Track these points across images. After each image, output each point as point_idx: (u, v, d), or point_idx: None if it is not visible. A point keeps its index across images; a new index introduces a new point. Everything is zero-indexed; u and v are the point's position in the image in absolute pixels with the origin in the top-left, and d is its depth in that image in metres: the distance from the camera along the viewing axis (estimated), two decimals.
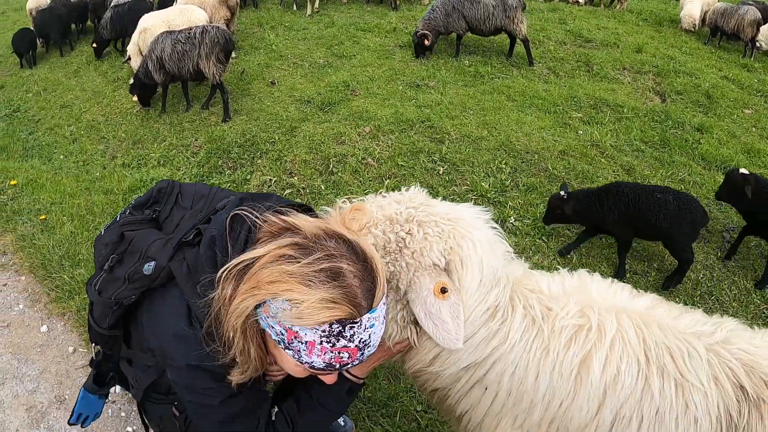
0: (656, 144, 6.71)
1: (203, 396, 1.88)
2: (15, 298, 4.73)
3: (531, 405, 1.80)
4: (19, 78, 12.34)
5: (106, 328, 2.14)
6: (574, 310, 1.83)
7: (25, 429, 3.53)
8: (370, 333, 1.63)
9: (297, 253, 1.58)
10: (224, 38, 7.78)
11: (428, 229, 1.76)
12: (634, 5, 13.95)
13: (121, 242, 2.16)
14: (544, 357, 1.78)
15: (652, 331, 1.79)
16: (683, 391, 1.71)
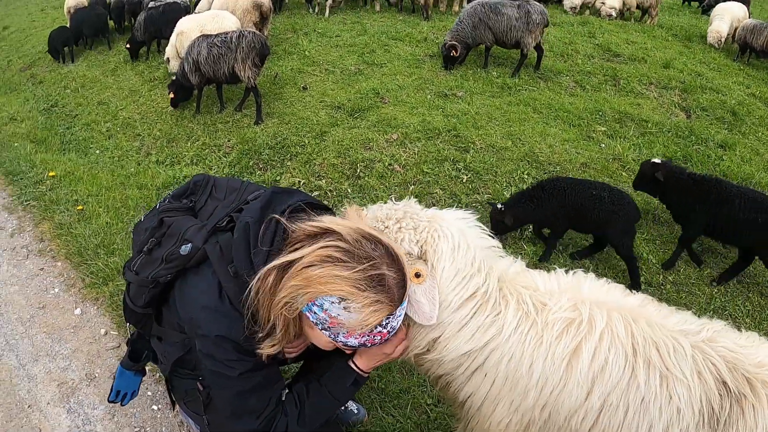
0: (679, 159, 6.79)
1: (224, 366, 2.10)
2: (51, 282, 5.03)
3: (525, 390, 1.99)
4: (57, 74, 12.66)
5: (140, 306, 2.41)
6: (566, 305, 2.03)
7: (56, 403, 3.77)
8: (398, 320, 1.98)
9: (343, 256, 1.88)
10: (260, 43, 8.02)
11: (403, 223, 2.05)
12: (665, 20, 14.01)
13: (160, 227, 2.42)
14: (538, 346, 1.98)
15: (640, 327, 1.96)
16: (667, 382, 1.87)
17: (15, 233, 5.84)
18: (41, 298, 4.81)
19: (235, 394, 2.15)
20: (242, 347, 2.08)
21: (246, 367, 2.12)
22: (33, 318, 4.57)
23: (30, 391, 3.86)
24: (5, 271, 5.22)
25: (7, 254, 5.48)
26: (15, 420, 3.64)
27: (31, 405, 3.74)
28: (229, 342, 2.07)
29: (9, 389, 3.87)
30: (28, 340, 4.33)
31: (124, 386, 2.86)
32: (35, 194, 6.57)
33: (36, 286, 4.98)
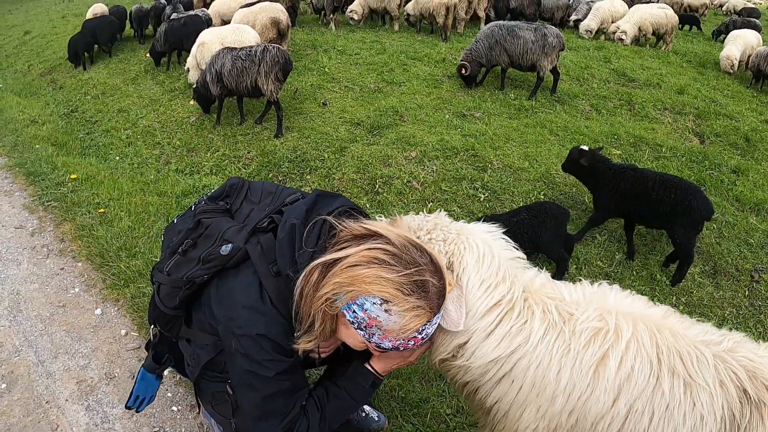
0: None
1: (261, 367, 2.12)
2: (71, 282, 5.07)
3: (553, 396, 2.03)
4: (78, 80, 12.81)
5: (171, 308, 2.43)
6: (593, 315, 2.08)
7: (74, 400, 3.79)
8: (432, 328, 2.02)
9: (390, 259, 1.93)
10: (284, 58, 8.10)
11: (433, 234, 2.14)
12: (679, 47, 14.09)
13: (197, 228, 2.45)
14: (566, 354, 2.03)
15: (664, 336, 2.01)
16: (691, 390, 1.91)
17: (35, 232, 5.91)
18: (61, 297, 4.86)
19: (265, 397, 2.17)
20: (280, 347, 2.12)
21: (281, 368, 2.15)
22: (52, 316, 4.61)
23: (48, 387, 3.88)
24: (25, 268, 5.27)
25: (27, 252, 5.54)
26: (33, 415, 3.67)
27: (49, 401, 3.77)
28: (268, 341, 2.11)
29: (27, 384, 3.90)
30: (47, 337, 4.36)
31: (143, 391, 2.87)
32: (57, 195, 6.65)
33: (56, 285, 5.02)
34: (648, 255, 5.51)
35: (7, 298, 4.86)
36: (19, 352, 4.21)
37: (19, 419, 3.65)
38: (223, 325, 2.21)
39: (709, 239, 5.79)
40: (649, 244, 5.68)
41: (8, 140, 9.01)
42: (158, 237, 5.51)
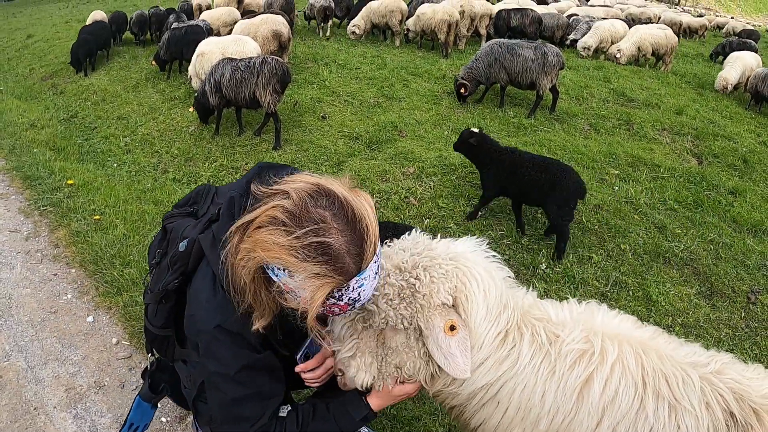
0: (689, 204, 6.89)
1: (221, 364, 2.02)
2: (64, 288, 5.04)
3: (537, 418, 2.00)
4: (78, 86, 12.82)
5: (159, 327, 2.37)
6: (579, 336, 2.04)
7: (63, 407, 3.75)
8: (359, 292, 1.84)
9: (287, 219, 1.75)
10: (282, 70, 8.11)
11: (433, 272, 1.98)
12: (679, 68, 14.21)
13: (164, 236, 2.43)
14: (550, 377, 1.99)
15: (650, 358, 1.98)
16: (676, 413, 1.89)
17: (30, 237, 5.89)
18: (53, 303, 4.83)
19: (231, 400, 2.07)
20: (241, 338, 2.02)
21: (244, 363, 2.04)
22: (44, 322, 4.57)
23: (37, 393, 3.85)
24: (18, 273, 5.25)
25: (21, 257, 5.52)
26: (20, 421, 3.63)
27: (37, 408, 3.73)
28: (226, 333, 2.00)
29: (15, 390, 3.86)
30: (38, 343, 4.33)
31: (137, 419, 2.81)
32: (53, 200, 6.63)
33: (49, 291, 5.00)
34: (645, 275, 5.50)
35: None
36: (8, 357, 4.18)
37: (6, 425, 3.62)
38: (187, 328, 2.14)
39: (705, 260, 5.79)
40: (646, 264, 5.67)
41: (6, 143, 9.00)
42: None
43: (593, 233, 6.02)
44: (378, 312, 1.97)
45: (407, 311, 1.97)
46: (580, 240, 5.90)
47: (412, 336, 2.03)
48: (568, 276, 5.39)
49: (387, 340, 2.06)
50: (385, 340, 2.06)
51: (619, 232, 6.07)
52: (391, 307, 1.96)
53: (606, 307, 2.21)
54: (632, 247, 5.86)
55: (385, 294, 1.96)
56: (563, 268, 5.49)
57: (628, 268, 5.58)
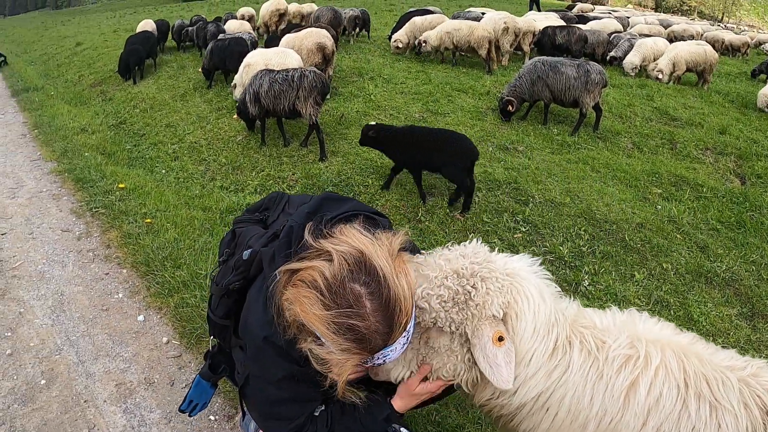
0: (732, 225, 6.83)
1: (266, 372, 2.14)
2: (115, 288, 5.17)
3: (586, 421, 2.05)
4: (127, 93, 13.14)
5: (219, 317, 2.49)
6: (625, 342, 2.10)
7: (113, 401, 3.85)
8: (384, 359, 1.97)
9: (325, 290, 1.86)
10: (321, 82, 8.21)
11: (490, 284, 2.03)
12: (722, 86, 14.03)
13: (233, 238, 2.55)
14: (598, 381, 2.05)
15: (691, 362, 2.04)
16: (716, 412, 1.95)
17: (82, 237, 6.07)
18: (105, 301, 4.96)
19: (271, 402, 2.19)
20: (285, 352, 2.09)
21: (285, 373, 2.13)
22: (95, 319, 4.70)
23: (87, 387, 3.96)
24: (70, 270, 5.42)
25: (73, 255, 5.69)
26: (70, 413, 3.74)
27: (88, 401, 3.84)
28: (272, 345, 2.09)
29: (66, 383, 3.98)
30: (89, 338, 4.45)
31: (197, 397, 2.93)
32: (104, 203, 6.82)
33: (100, 290, 5.13)
34: (686, 295, 5.47)
35: (51, 297, 4.98)
36: (60, 350, 4.31)
37: (56, 415, 3.72)
38: (241, 328, 2.26)
39: (747, 281, 5.75)
40: (687, 283, 5.64)
41: (58, 146, 9.27)
42: (203, 250, 5.60)
43: (636, 251, 6.01)
44: (429, 311, 2.02)
45: (458, 316, 2.01)
46: (622, 258, 5.89)
47: (456, 340, 2.07)
48: (610, 293, 5.38)
49: (430, 340, 2.10)
50: (428, 340, 2.10)
51: (661, 251, 6.05)
52: (443, 309, 2.00)
53: (647, 315, 2.27)
54: (674, 266, 5.83)
55: (440, 295, 2.00)
56: (605, 286, 5.48)
57: (670, 287, 5.56)
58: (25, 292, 5.05)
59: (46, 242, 5.96)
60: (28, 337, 4.44)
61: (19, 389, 3.92)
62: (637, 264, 5.83)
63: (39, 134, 10.31)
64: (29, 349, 4.31)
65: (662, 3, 76.21)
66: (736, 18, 72.04)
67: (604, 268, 5.75)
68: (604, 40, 15.41)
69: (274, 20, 17.00)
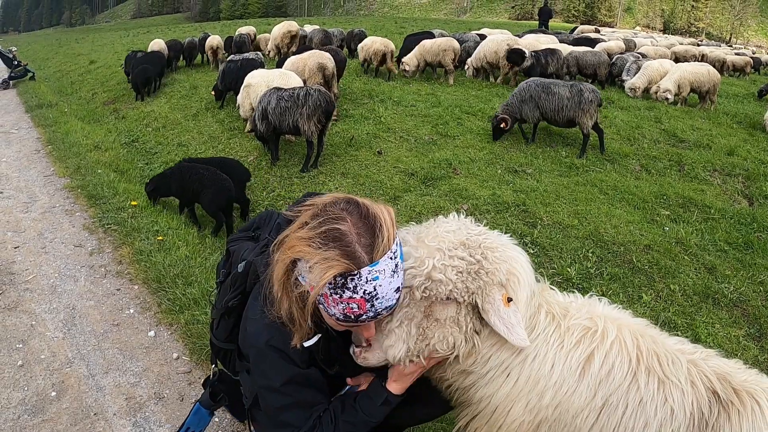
0: (740, 246, 6.80)
1: (268, 379, 2.18)
2: (126, 303, 5.22)
3: (544, 389, 2.12)
4: (140, 112, 13.32)
5: (221, 340, 2.56)
6: (585, 315, 2.21)
7: (122, 415, 3.86)
8: (374, 285, 1.90)
9: (310, 219, 1.94)
10: (325, 101, 8.38)
11: (496, 253, 2.12)
12: (729, 108, 14.07)
13: (228, 258, 2.61)
14: (560, 349, 2.14)
15: (645, 340, 2.14)
16: (664, 387, 2.03)
17: (94, 252, 6.14)
18: (116, 317, 5.00)
19: (276, 409, 2.22)
20: (287, 355, 2.16)
21: (288, 377, 2.18)
22: (106, 333, 4.74)
23: (97, 400, 3.98)
24: (82, 285, 5.48)
25: (85, 270, 5.75)
26: (80, 425, 3.76)
27: (97, 413, 3.86)
28: (273, 349, 2.15)
29: (76, 395, 4.01)
30: (99, 352, 4.48)
31: (194, 424, 2.99)
32: (117, 219, 6.90)
33: (111, 305, 5.18)
34: (694, 316, 5.47)
35: (62, 311, 5.03)
36: (71, 363, 4.34)
37: (66, 427, 3.74)
38: (241, 342, 2.31)
39: (755, 302, 5.73)
40: (695, 304, 5.64)
41: (71, 162, 9.40)
42: (214, 268, 5.62)
43: (643, 273, 6.01)
44: (446, 282, 2.03)
45: (472, 285, 2.06)
46: (630, 279, 5.90)
47: (463, 311, 2.11)
48: None
49: (435, 313, 2.11)
50: (432, 312, 2.11)
51: (669, 272, 6.05)
52: (460, 280, 2.04)
53: (607, 300, 2.37)
54: (682, 287, 5.83)
55: (455, 266, 2.04)
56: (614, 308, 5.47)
57: (678, 308, 5.55)
58: (37, 305, 5.11)
59: (59, 257, 6.03)
60: (39, 350, 4.49)
61: (30, 400, 3.95)
62: (644, 285, 5.84)
63: (53, 150, 10.46)
64: (40, 361, 4.35)
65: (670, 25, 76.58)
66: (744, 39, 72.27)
67: (612, 289, 5.74)
68: (605, 61, 15.52)
69: (285, 42, 17.31)
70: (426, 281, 2.04)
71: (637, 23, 77.89)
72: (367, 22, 31.06)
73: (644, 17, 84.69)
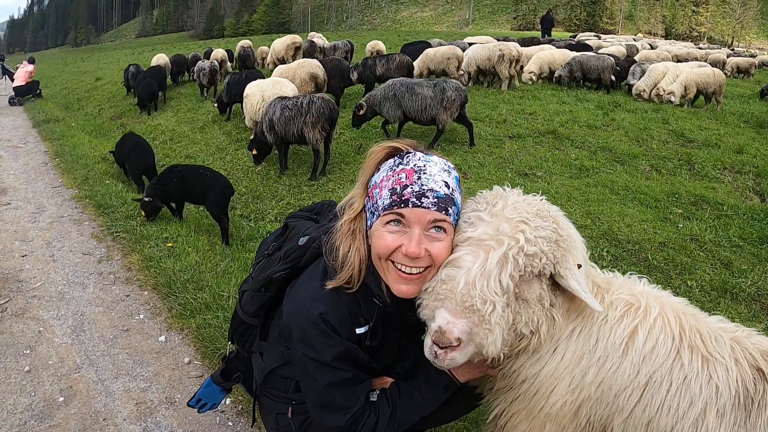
0: (754, 241, 6.72)
1: (318, 352, 2.11)
2: (136, 309, 5.16)
3: (587, 366, 2.05)
4: (147, 126, 13.37)
5: (249, 314, 2.51)
6: (627, 292, 2.16)
7: (133, 420, 3.78)
8: (425, 163, 2.04)
9: None
10: (329, 109, 8.42)
11: (561, 221, 2.06)
12: (736, 108, 14.07)
13: (284, 232, 2.57)
14: (603, 324, 2.07)
15: (687, 318, 2.09)
16: (708, 364, 1.98)
17: (103, 260, 6.10)
18: (125, 322, 4.93)
19: (326, 386, 2.14)
20: (338, 331, 2.11)
21: (338, 352, 2.12)
22: (116, 339, 4.67)
23: (106, 405, 3.90)
24: (90, 292, 5.43)
25: (93, 277, 5.71)
26: (88, 430, 3.69)
27: (107, 418, 3.78)
28: (326, 323, 2.09)
29: (85, 401, 3.94)
30: (109, 358, 4.42)
31: (206, 396, 2.92)
32: (125, 227, 6.87)
33: (121, 311, 5.11)
34: (713, 311, 5.35)
35: (71, 317, 4.98)
36: (79, 369, 4.28)
37: None
38: (287, 316, 2.22)
39: None
40: (713, 300, 5.55)
41: (79, 174, 9.42)
42: (225, 273, 5.57)
43: (659, 270, 5.93)
44: (540, 255, 1.93)
45: (557, 254, 1.97)
46: (646, 277, 5.80)
47: (544, 285, 2.01)
48: None
49: (523, 292, 1.97)
50: (521, 293, 1.97)
51: (685, 269, 5.97)
52: (550, 250, 1.95)
53: (647, 281, 2.32)
54: (699, 283, 5.75)
55: (542, 237, 1.95)
56: None
57: (696, 304, 5.30)
58: (45, 312, 5.07)
59: (67, 264, 6.00)
60: (47, 356, 4.43)
61: (37, 406, 3.89)
62: (661, 282, 5.74)
63: (60, 162, 10.50)
64: (48, 367, 4.30)
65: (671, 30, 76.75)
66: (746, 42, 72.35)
67: None
68: (609, 65, 15.51)
69: (290, 54, 17.57)
70: (519, 254, 1.92)
71: (638, 30, 78.07)
72: (371, 36, 31.19)
73: (645, 24, 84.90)
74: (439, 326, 1.91)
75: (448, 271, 1.94)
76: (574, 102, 13.57)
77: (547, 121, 11.69)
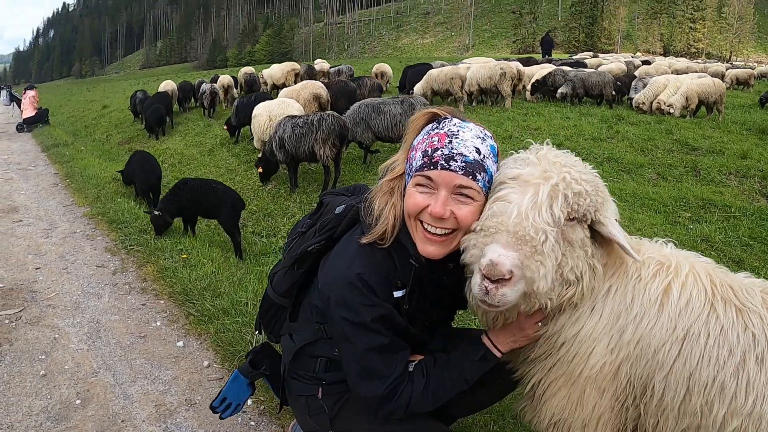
0: (764, 240, 6.79)
1: (357, 314, 2.11)
2: (153, 316, 5.14)
3: (624, 324, 2.07)
4: (155, 149, 13.44)
5: (279, 294, 2.54)
6: (657, 253, 2.19)
7: (152, 422, 3.72)
8: (459, 128, 2.10)
9: None
10: (339, 126, 8.53)
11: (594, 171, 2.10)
12: (738, 116, 14.19)
13: (319, 209, 2.59)
14: (638, 282, 2.10)
15: (717, 274, 2.13)
16: (742, 314, 2.02)
17: (117, 272, 6.13)
18: (142, 329, 4.91)
19: (365, 350, 2.14)
20: (377, 293, 2.12)
21: (377, 314, 2.12)
22: (133, 345, 4.65)
23: (125, 407, 3.87)
24: (106, 301, 5.44)
25: (108, 288, 5.73)
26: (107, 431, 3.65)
27: (125, 420, 3.74)
28: (364, 283, 2.11)
29: (102, 403, 3.90)
30: (126, 362, 4.39)
31: (232, 395, 2.84)
32: (140, 241, 6.91)
33: (137, 318, 5.11)
34: None
35: (86, 325, 4.98)
36: (96, 373, 4.24)
37: None
38: (323, 285, 2.24)
39: None
40: None
41: (91, 193, 9.49)
42: (242, 282, 5.55)
43: None
44: (585, 195, 1.95)
45: (598, 199, 1.99)
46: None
47: (586, 230, 2.03)
48: None
49: (567, 234, 1.97)
50: (565, 234, 1.96)
51: None
52: (594, 192, 1.98)
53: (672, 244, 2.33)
54: None
55: (586, 180, 1.98)
56: None
57: None
58: (60, 320, 5.07)
59: (81, 276, 6.02)
60: (63, 361, 4.41)
61: (53, 408, 3.85)
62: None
63: (71, 183, 10.59)
64: (63, 371, 4.27)
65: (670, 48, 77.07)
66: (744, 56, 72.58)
67: None
68: (610, 80, 15.72)
69: (291, 79, 18.19)
70: (570, 191, 1.94)
71: (637, 49, 78.41)
72: (372, 63, 31.54)
73: (644, 42, 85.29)
74: (491, 259, 1.86)
75: (498, 206, 1.97)
76: (578, 117, 13.65)
77: (552, 135, 11.71)
